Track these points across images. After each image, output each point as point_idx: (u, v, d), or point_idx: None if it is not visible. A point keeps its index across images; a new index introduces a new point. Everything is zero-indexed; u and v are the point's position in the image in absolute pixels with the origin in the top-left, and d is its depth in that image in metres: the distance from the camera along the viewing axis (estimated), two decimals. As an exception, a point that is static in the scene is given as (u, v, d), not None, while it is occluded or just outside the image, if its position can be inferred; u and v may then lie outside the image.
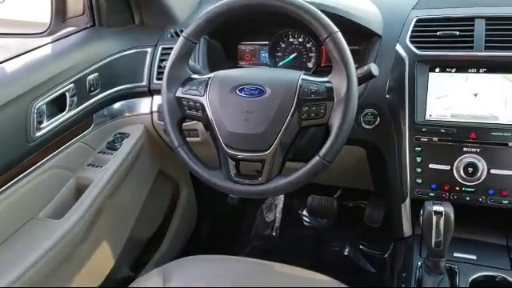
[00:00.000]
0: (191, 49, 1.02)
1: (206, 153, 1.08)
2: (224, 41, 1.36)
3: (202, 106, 0.98)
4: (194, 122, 1.14)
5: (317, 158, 0.91)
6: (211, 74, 1.01)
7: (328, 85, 0.92)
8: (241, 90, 0.95)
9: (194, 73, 1.05)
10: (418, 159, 1.06)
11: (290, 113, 0.92)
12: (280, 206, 2.03)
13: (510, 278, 0.96)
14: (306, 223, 1.97)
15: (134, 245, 1.52)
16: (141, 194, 1.46)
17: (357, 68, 0.94)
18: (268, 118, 0.92)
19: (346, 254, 1.80)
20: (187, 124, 1.23)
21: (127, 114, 1.40)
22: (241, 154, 0.96)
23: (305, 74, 0.95)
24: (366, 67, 0.95)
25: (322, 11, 0.92)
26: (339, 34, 0.90)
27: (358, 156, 1.24)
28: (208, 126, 0.99)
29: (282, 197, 2.04)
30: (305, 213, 1.96)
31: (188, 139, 1.05)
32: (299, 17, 0.92)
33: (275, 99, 0.93)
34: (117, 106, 1.39)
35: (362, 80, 0.95)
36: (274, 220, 1.99)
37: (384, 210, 1.58)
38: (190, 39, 1.00)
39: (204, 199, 1.82)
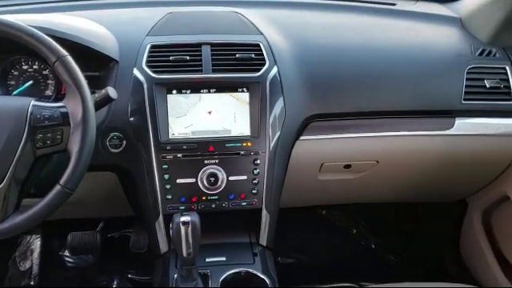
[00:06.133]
0: None
1: None
2: None
3: None
4: None
5: (58, 187, 0.86)
6: None
7: (63, 110, 0.89)
8: None
9: None
10: (166, 176, 1.11)
11: (22, 142, 0.86)
12: (37, 250, 1.84)
13: (252, 271, 1.09)
14: (69, 264, 1.83)
15: None
16: None
17: (96, 93, 0.94)
18: None
19: (114, 286, 1.75)
20: None
21: None
22: None
23: (36, 100, 0.91)
24: (103, 91, 0.96)
25: (51, 36, 0.90)
26: (69, 58, 0.89)
27: (111, 182, 1.22)
28: None
29: (38, 241, 1.86)
30: (66, 253, 1.83)
31: None
32: (23, 41, 0.88)
33: (3, 129, 0.86)
34: None
35: (100, 103, 0.96)
36: (30, 268, 1.79)
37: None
38: None
39: None
